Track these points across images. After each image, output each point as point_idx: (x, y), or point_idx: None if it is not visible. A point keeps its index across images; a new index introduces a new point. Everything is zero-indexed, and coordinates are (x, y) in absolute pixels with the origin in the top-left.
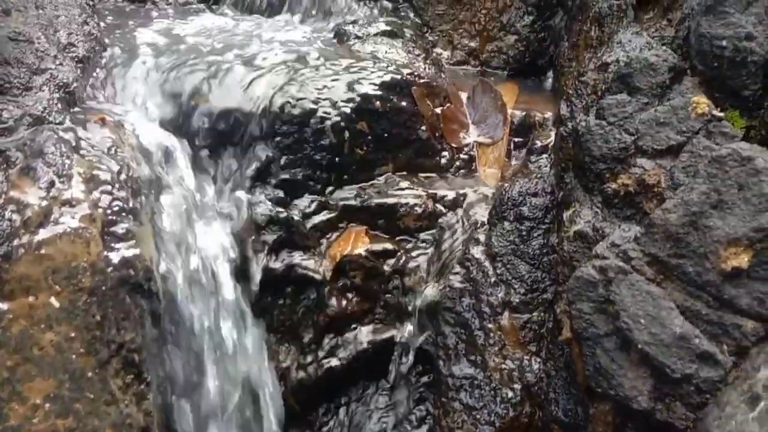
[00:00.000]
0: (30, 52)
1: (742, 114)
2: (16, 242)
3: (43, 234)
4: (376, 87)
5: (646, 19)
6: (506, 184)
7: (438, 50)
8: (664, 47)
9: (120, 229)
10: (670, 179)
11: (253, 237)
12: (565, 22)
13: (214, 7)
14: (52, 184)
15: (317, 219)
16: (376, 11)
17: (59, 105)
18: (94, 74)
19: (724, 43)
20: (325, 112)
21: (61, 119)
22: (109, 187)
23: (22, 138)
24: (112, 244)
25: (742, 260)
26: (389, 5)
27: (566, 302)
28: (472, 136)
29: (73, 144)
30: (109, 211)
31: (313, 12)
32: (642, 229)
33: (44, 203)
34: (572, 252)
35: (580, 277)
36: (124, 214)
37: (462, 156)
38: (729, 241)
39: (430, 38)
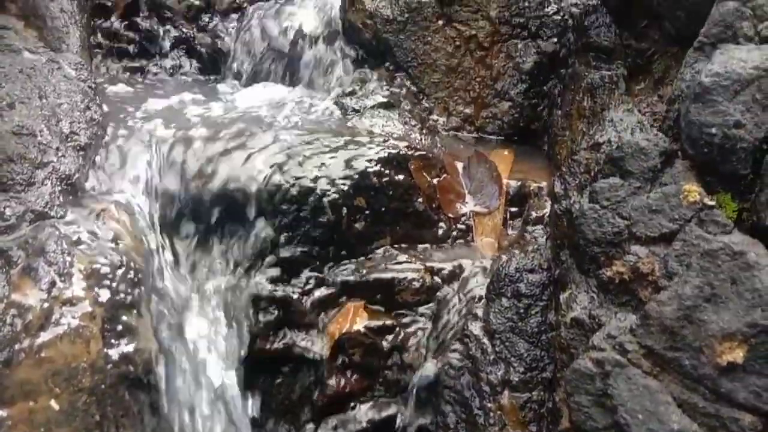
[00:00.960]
0: (33, 146)
1: (734, 197)
2: (17, 347)
3: (43, 336)
4: (374, 163)
5: (637, 90)
6: (503, 260)
7: (434, 117)
8: (655, 131)
9: (120, 324)
10: (664, 268)
11: (252, 317)
12: (559, 89)
13: (214, 78)
14: (53, 284)
15: (316, 296)
16: (374, 80)
17: (61, 198)
18: (96, 159)
19: (713, 130)
20: (324, 190)
21: (62, 213)
22: (109, 281)
23: (24, 235)
24: (112, 340)
25: (738, 355)
26: (386, 74)
27: (564, 391)
28: (468, 205)
29: (75, 238)
30: (109, 306)
31: (313, 83)
32: (638, 320)
33: (45, 305)
34: (570, 339)
35: (578, 369)
36: (124, 308)
37: (459, 226)
38: (724, 335)
39: (426, 105)
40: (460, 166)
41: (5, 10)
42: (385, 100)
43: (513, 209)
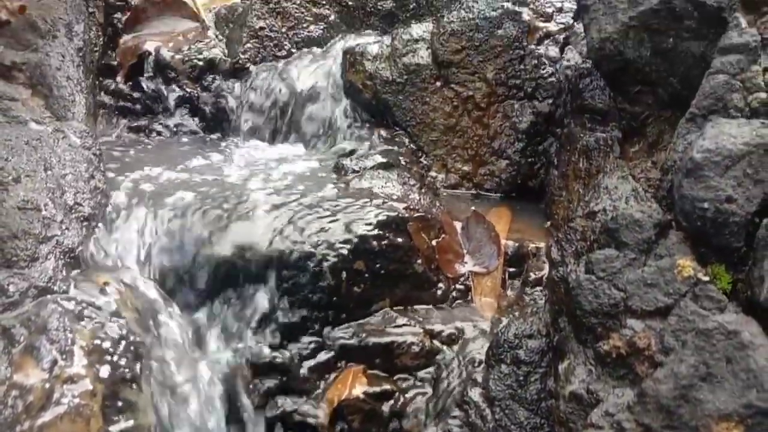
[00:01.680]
0: (37, 221)
1: (728, 269)
2: (18, 429)
3: (44, 417)
4: (373, 226)
5: (632, 153)
6: (502, 325)
7: (432, 173)
8: (649, 203)
9: (120, 400)
10: (661, 343)
11: (250, 385)
12: (555, 148)
13: (217, 136)
14: (54, 362)
15: (315, 361)
16: (374, 139)
17: (64, 272)
18: (98, 228)
19: (705, 205)
20: (324, 255)
21: (65, 287)
22: (110, 356)
23: (27, 312)
24: (113, 417)
25: None
26: (386, 133)
27: None
28: (467, 266)
29: (77, 313)
30: (109, 382)
31: (315, 141)
32: (635, 396)
33: (47, 385)
34: (569, 413)
35: None
36: (124, 383)
37: (458, 286)
38: (720, 416)
39: (425, 162)
40: (458, 225)
41: (14, 79)
42: (384, 160)
43: (512, 269)
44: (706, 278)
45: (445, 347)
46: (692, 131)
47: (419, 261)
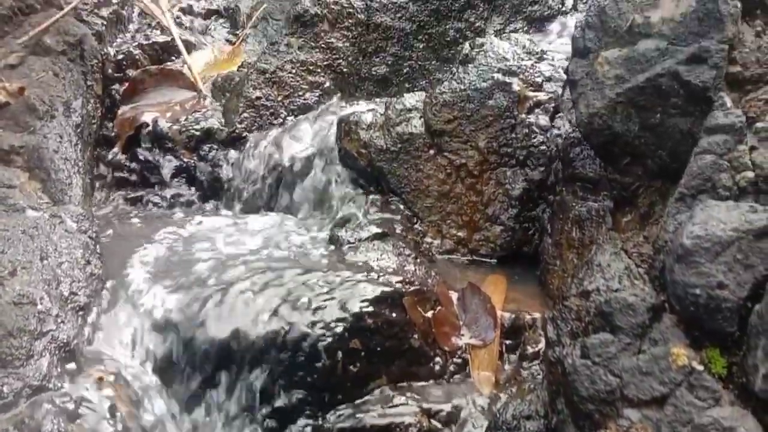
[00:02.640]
0: (33, 316)
1: (723, 353)
2: None
3: None
4: (369, 303)
5: (624, 223)
6: (500, 405)
7: (428, 239)
8: (641, 285)
9: None
10: None
11: None
12: (548, 215)
13: (213, 206)
14: None
15: None
16: (369, 206)
17: (58, 368)
18: (93, 316)
19: (697, 291)
20: (319, 335)
21: (60, 384)
22: None
23: (21, 414)
24: None
25: None
26: (381, 199)
27: None
28: (464, 338)
29: (71, 412)
30: None
31: (310, 209)
32: None
33: None
34: None
35: None
36: None
37: (455, 360)
38: None
39: (420, 228)
40: (454, 296)
41: (12, 163)
42: (379, 230)
43: (508, 342)
44: (701, 367)
45: (443, 427)
46: (682, 211)
47: (415, 336)
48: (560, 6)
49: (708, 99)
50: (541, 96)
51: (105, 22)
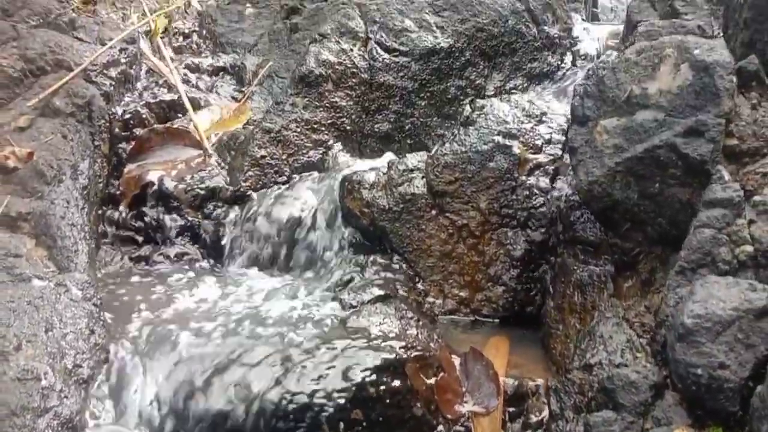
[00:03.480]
0: (36, 393)
1: (725, 431)
2: None
3: None
4: (371, 372)
5: (626, 289)
6: None
7: (430, 299)
8: (644, 361)
9: None
10: None
11: None
12: (550, 276)
13: (217, 265)
14: None
15: None
16: (371, 266)
17: None
18: (96, 387)
19: (699, 371)
20: (321, 405)
21: None
22: None
23: None
24: None
25: None
26: (383, 259)
27: None
28: (467, 405)
29: None
30: None
31: (314, 268)
32: None
33: None
34: None
35: None
36: None
37: (458, 428)
38: None
39: (422, 288)
40: (457, 361)
41: (19, 230)
42: (381, 292)
43: (512, 409)
44: None
45: None
46: (682, 285)
47: (418, 404)
48: (559, 63)
49: (706, 171)
50: (541, 158)
51: (113, 82)
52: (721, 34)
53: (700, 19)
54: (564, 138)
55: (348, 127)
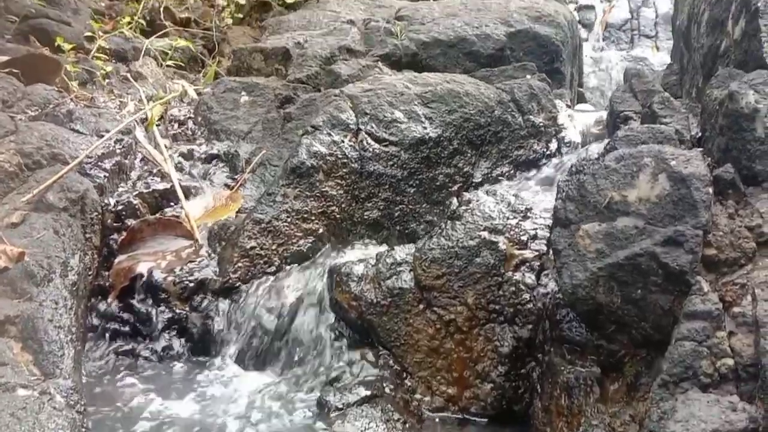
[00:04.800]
0: None
1: None
2: None
3: None
4: None
5: (612, 392)
6: None
7: (418, 396)
8: None
9: None
10: None
11: None
12: (537, 373)
13: (203, 359)
14: None
15: None
16: (359, 362)
17: None
18: None
19: None
20: None
21: None
22: None
23: None
24: None
25: None
26: (371, 353)
27: None
28: None
29: None
30: None
31: (301, 363)
32: None
33: None
34: None
35: None
36: None
37: None
38: None
39: (410, 384)
40: None
41: (6, 333)
42: (368, 392)
43: None
44: None
45: None
46: (665, 398)
47: None
48: (545, 150)
49: (686, 282)
50: (527, 254)
51: (107, 174)
52: (700, 133)
53: (678, 122)
54: (549, 233)
55: (338, 216)
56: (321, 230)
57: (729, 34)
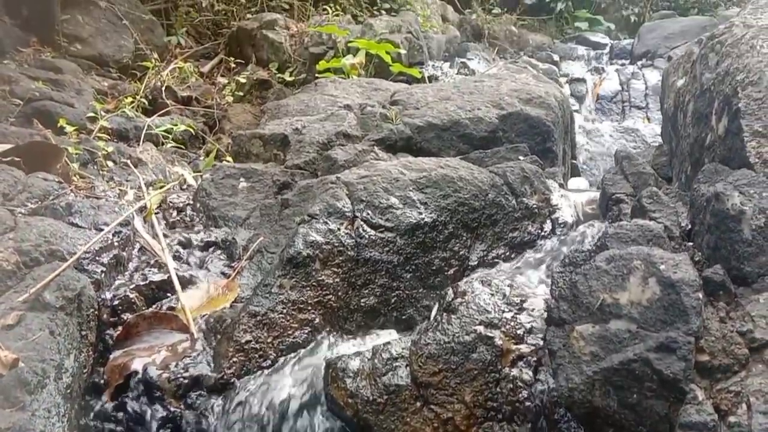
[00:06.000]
0: None
1: None
2: None
3: None
4: None
5: None
6: None
7: None
8: None
9: None
10: None
11: None
12: None
13: None
14: None
15: None
16: None
17: None
18: None
19: None
20: None
21: None
22: None
23: None
24: None
25: None
26: None
27: None
28: None
29: None
30: None
31: None
32: None
33: None
34: None
35: None
36: None
37: None
38: None
39: None
40: None
41: None
42: None
43: None
44: None
45: None
46: None
47: None
48: (539, 231)
49: (680, 389)
50: (524, 349)
51: (105, 269)
52: (689, 225)
53: (667, 217)
54: (544, 326)
55: (334, 304)
56: (317, 320)
57: (713, 128)
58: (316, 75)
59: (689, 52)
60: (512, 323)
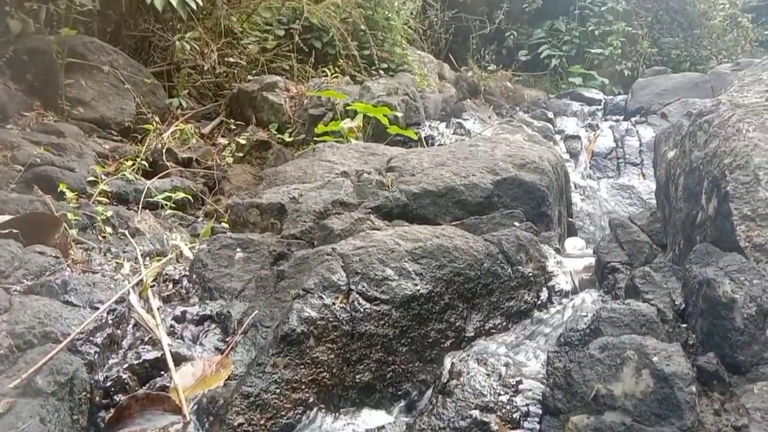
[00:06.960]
0: None
1: None
2: None
3: None
4: None
5: None
6: None
7: None
8: None
9: None
10: None
11: None
12: None
13: None
14: None
15: None
16: None
17: None
18: None
19: None
20: None
21: None
22: None
23: None
24: None
25: None
26: None
27: None
28: None
29: None
30: None
31: None
32: None
33: None
34: None
35: None
36: None
37: None
38: None
39: None
40: None
41: None
42: None
43: None
44: None
45: None
46: None
47: None
48: (536, 300)
49: None
50: None
51: (99, 349)
52: (683, 305)
53: (659, 299)
54: (540, 410)
55: (329, 382)
56: (311, 399)
57: (704, 208)
58: (315, 137)
59: (678, 124)
60: (508, 407)
